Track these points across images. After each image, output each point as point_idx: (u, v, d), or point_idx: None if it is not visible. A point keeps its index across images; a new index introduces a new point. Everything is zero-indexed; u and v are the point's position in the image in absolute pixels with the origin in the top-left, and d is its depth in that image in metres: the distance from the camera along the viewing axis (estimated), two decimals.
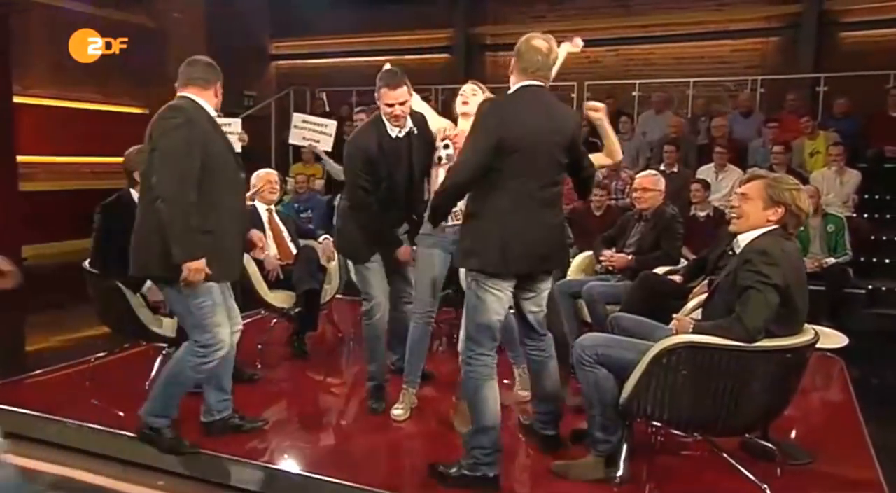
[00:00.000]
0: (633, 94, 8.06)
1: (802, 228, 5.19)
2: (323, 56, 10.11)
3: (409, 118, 3.09)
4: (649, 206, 3.82)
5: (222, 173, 2.53)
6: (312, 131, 5.47)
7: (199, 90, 2.61)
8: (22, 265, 7.32)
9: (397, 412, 3.12)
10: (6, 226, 7.19)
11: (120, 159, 5.60)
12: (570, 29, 9.00)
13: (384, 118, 3.02)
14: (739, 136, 6.89)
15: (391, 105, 2.94)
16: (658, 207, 3.82)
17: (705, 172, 6.10)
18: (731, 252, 2.93)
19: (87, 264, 3.33)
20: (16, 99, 7.82)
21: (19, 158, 7.81)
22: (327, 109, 8.41)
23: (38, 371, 3.61)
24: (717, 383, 2.20)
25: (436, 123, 3.21)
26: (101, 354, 3.58)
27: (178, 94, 2.62)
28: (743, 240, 2.37)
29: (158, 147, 2.45)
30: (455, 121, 3.23)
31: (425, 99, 3.53)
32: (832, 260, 5.17)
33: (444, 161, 3.15)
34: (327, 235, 4.21)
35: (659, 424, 2.46)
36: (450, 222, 3.10)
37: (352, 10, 9.44)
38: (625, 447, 2.43)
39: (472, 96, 3.18)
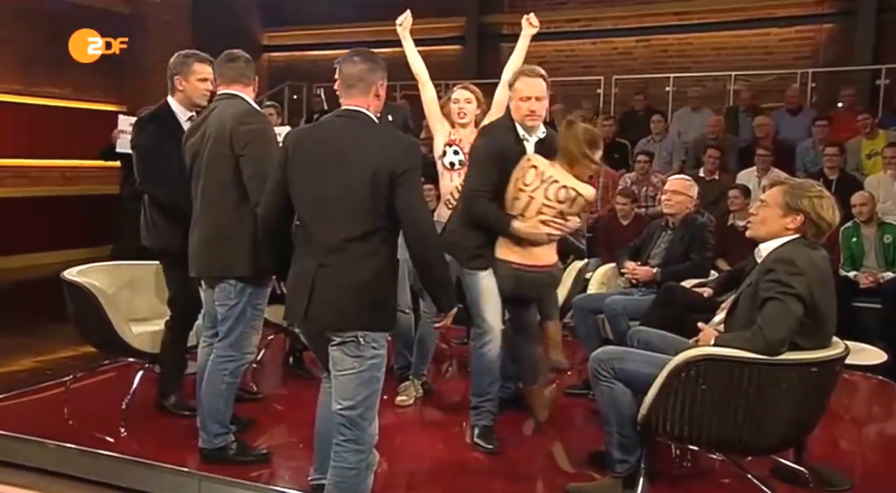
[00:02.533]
0: (667, 89, 8.30)
1: (855, 239, 5.44)
2: (321, 48, 10.37)
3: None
4: (677, 211, 4.00)
5: None
6: None
7: (243, 87, 2.94)
8: None
9: (401, 398, 3.72)
10: None
11: (93, 163, 5.86)
12: (595, 17, 9.34)
13: None
14: (786, 136, 7.08)
15: None
16: (687, 214, 4.02)
17: (746, 176, 6.28)
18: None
19: (65, 273, 3.55)
20: None
21: None
22: (326, 106, 8.68)
23: (8, 394, 3.82)
24: (738, 399, 2.39)
25: (437, 121, 3.64)
26: (79, 374, 3.82)
27: (223, 90, 2.95)
28: (765, 249, 2.58)
29: (253, 154, 2.77)
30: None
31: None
32: (890, 274, 5.32)
33: (456, 166, 3.57)
34: None
35: (679, 442, 2.66)
36: None
37: None
38: (643, 467, 2.62)
39: (466, 105, 3.61)
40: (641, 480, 2.61)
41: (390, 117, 3.69)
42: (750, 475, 2.64)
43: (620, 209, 5.80)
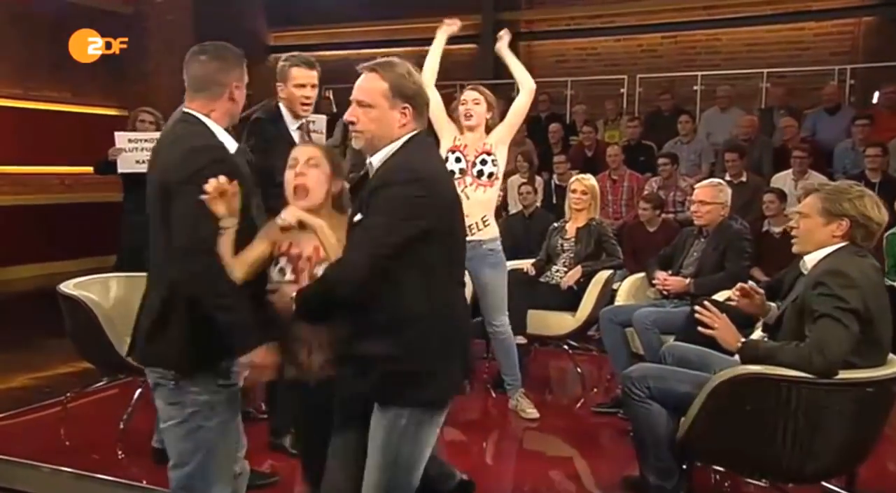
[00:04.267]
0: (695, 88, 8.23)
1: None
2: (330, 48, 10.37)
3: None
4: (708, 222, 3.92)
5: None
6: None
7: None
8: None
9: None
10: None
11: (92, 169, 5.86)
12: (618, 13, 9.29)
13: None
14: (824, 136, 6.97)
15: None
16: (721, 221, 3.93)
17: (781, 179, 6.19)
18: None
19: (61, 286, 3.52)
20: None
21: None
22: (335, 109, 8.66)
23: (5, 413, 3.82)
24: (786, 421, 2.30)
25: (443, 124, 3.52)
26: (76, 392, 3.80)
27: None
28: (810, 260, 2.50)
29: None
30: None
31: (449, 96, 3.81)
32: None
33: (456, 175, 3.41)
34: None
35: (721, 467, 2.57)
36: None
37: None
38: None
39: (475, 107, 3.48)
40: None
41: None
42: None
43: (642, 215, 5.73)
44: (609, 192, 6.76)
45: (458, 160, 3.45)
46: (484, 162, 3.44)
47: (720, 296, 3.75)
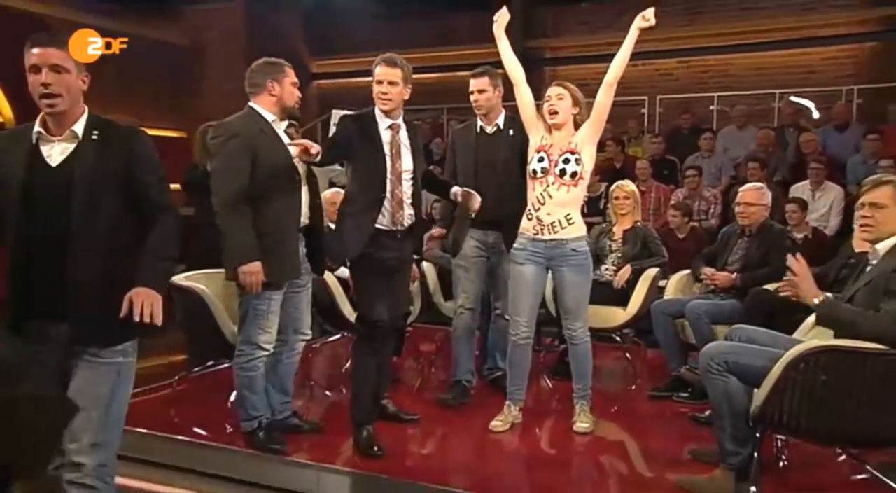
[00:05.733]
0: (711, 108, 8.34)
1: None
2: (367, 75, 10.59)
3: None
4: (752, 222, 4.01)
5: (275, 179, 3.01)
6: None
7: (254, 98, 3.12)
8: None
9: (495, 423, 3.45)
10: None
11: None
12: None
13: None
14: (834, 151, 7.08)
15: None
16: (763, 222, 4.03)
17: (800, 190, 6.28)
18: (852, 261, 3.17)
19: (173, 279, 3.65)
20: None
21: None
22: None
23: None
24: (861, 390, 2.36)
25: (532, 125, 3.45)
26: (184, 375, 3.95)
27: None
28: (883, 248, 2.56)
29: (212, 167, 3.11)
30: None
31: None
32: None
33: (538, 174, 3.31)
34: None
35: (795, 435, 2.66)
36: (546, 236, 3.32)
37: (398, 24, 9.94)
38: (756, 459, 2.59)
39: (559, 102, 3.32)
40: (754, 471, 2.57)
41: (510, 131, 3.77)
42: (870, 468, 2.62)
43: (672, 222, 5.85)
44: None
45: (540, 160, 3.30)
46: (567, 161, 3.26)
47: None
